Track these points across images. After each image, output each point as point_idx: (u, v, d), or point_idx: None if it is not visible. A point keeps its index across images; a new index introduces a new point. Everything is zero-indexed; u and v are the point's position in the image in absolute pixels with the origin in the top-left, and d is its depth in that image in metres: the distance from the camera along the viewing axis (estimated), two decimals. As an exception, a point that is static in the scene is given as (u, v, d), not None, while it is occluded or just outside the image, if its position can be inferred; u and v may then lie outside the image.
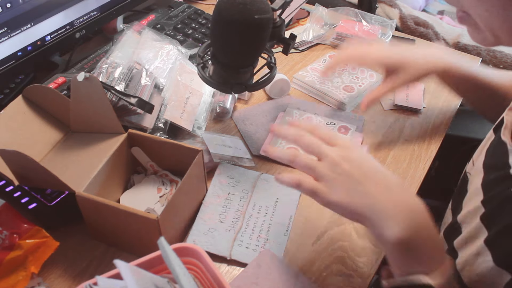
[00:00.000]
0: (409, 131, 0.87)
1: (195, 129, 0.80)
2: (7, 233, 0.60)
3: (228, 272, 0.64)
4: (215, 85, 0.72)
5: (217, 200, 0.71)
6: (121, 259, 0.43)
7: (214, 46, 0.69)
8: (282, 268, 0.62)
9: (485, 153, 0.62)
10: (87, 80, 0.65)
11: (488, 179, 0.58)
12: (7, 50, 0.77)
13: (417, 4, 1.73)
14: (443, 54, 0.80)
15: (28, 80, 0.89)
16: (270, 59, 0.76)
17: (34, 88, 0.70)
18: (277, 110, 0.89)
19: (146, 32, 0.88)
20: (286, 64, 1.02)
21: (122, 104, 0.72)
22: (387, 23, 1.07)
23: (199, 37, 1.00)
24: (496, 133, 0.62)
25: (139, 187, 0.71)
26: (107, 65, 0.78)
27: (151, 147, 0.70)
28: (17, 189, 0.66)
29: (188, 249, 0.52)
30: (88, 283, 0.45)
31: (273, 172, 0.77)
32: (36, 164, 0.58)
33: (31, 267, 0.59)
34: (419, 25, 1.37)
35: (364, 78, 0.97)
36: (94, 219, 0.63)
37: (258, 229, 0.68)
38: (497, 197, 0.55)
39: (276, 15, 0.70)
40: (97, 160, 0.65)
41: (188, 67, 0.86)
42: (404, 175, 0.78)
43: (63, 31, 0.86)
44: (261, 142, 0.82)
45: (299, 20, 1.15)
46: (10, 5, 0.73)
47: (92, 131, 0.71)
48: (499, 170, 0.56)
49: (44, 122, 0.72)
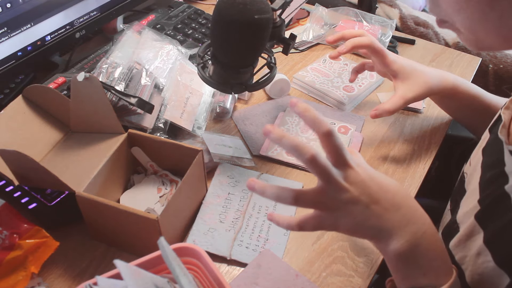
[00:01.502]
0: (409, 131, 0.87)
1: (195, 129, 0.80)
2: (7, 233, 0.60)
3: (228, 272, 0.64)
4: (215, 85, 0.72)
5: (217, 200, 0.71)
6: (121, 259, 0.43)
7: (214, 46, 0.69)
8: (282, 268, 0.62)
9: (481, 152, 0.62)
10: (87, 80, 0.65)
11: (485, 177, 0.58)
12: (7, 50, 0.77)
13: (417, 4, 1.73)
14: (452, 74, 0.82)
15: (28, 80, 0.89)
16: (270, 59, 0.76)
17: (34, 88, 0.70)
18: (277, 110, 0.89)
19: (146, 32, 0.88)
20: (286, 64, 1.02)
21: (122, 104, 0.72)
22: (387, 23, 1.07)
23: (199, 37, 1.00)
24: (491, 132, 0.63)
25: (139, 187, 0.71)
26: (107, 65, 0.78)
27: (151, 147, 0.70)
28: (17, 189, 0.66)
29: (188, 249, 0.52)
30: (88, 283, 0.45)
31: (273, 172, 0.77)
32: (36, 164, 0.58)
33: (31, 267, 0.59)
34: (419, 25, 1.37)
35: (364, 78, 0.96)
36: (94, 219, 0.63)
37: (258, 229, 0.68)
38: (491, 195, 0.55)
39: (276, 15, 0.70)
40: (97, 160, 0.65)
41: (188, 67, 0.86)
42: (404, 175, 0.78)
43: (63, 31, 0.86)
44: (261, 142, 0.82)
45: (299, 20, 1.15)
46: (10, 5, 0.73)
47: (92, 131, 0.71)
48: (495, 168, 0.56)
49: (44, 122, 0.72)
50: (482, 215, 0.56)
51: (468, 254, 0.57)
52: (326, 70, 0.98)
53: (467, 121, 0.87)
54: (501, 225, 0.52)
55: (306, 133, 0.83)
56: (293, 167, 0.78)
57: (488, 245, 0.54)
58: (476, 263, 0.55)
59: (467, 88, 0.81)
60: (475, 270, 0.55)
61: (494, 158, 0.57)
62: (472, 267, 0.56)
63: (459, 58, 1.06)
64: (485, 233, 0.54)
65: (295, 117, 0.86)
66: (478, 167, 0.61)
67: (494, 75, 1.31)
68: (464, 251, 0.58)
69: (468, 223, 0.58)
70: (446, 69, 1.01)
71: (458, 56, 1.06)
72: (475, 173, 0.61)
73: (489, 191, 0.56)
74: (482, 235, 0.55)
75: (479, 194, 0.58)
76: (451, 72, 0.82)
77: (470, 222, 0.57)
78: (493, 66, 1.29)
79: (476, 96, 0.81)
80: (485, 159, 0.61)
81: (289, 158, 0.79)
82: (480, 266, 0.54)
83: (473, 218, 0.56)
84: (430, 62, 1.04)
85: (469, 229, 0.57)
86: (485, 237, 0.54)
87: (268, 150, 0.80)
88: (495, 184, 0.55)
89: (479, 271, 0.54)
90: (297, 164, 0.78)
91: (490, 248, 0.53)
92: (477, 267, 0.55)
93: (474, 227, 0.56)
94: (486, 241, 0.54)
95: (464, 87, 0.81)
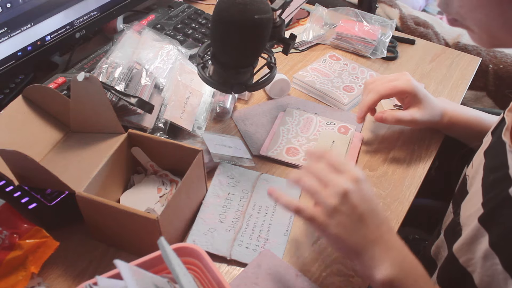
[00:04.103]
0: (409, 131, 0.87)
1: (195, 129, 0.80)
2: (7, 233, 0.60)
3: (228, 272, 0.64)
4: (215, 85, 0.72)
5: (217, 200, 0.71)
6: (121, 259, 0.43)
7: (214, 46, 0.69)
8: (282, 268, 0.62)
9: (483, 154, 0.62)
10: (87, 80, 0.65)
11: (487, 180, 0.58)
12: (7, 50, 0.77)
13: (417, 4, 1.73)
14: (450, 107, 0.83)
15: (28, 80, 0.89)
16: (270, 59, 0.76)
17: (34, 88, 0.70)
18: (277, 110, 0.89)
19: (146, 32, 0.88)
20: (286, 64, 1.02)
21: (122, 104, 0.72)
22: (387, 23, 1.07)
23: (199, 37, 1.00)
24: (493, 135, 0.62)
25: (139, 187, 0.71)
26: (107, 65, 0.78)
27: (151, 147, 0.70)
28: (17, 189, 0.66)
29: (188, 249, 0.52)
30: (88, 283, 0.45)
31: (273, 172, 0.77)
32: (36, 164, 0.58)
33: (31, 267, 0.59)
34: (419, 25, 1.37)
35: (364, 78, 0.97)
36: (94, 219, 0.63)
37: (258, 229, 0.68)
38: (495, 199, 0.55)
39: (276, 15, 0.70)
40: (97, 160, 0.65)
41: (188, 67, 0.86)
42: (404, 175, 0.78)
43: (63, 31, 0.86)
44: (261, 142, 0.82)
45: (299, 20, 1.15)
46: (10, 5, 0.73)
47: (92, 131, 0.71)
48: (498, 171, 0.55)
49: (44, 122, 0.72)
50: (486, 218, 0.55)
51: (474, 257, 0.57)
52: (326, 70, 0.98)
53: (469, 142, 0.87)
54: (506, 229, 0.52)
55: (306, 133, 0.83)
56: (293, 167, 0.78)
57: (494, 248, 0.53)
58: (484, 265, 0.55)
59: (465, 120, 0.81)
60: (485, 272, 0.55)
61: (497, 160, 0.57)
62: (480, 269, 0.56)
63: (459, 58, 1.06)
64: (490, 236, 0.54)
65: (295, 117, 0.86)
66: (480, 169, 0.61)
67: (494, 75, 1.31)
68: (469, 254, 0.58)
69: (471, 226, 0.57)
70: (446, 69, 1.01)
71: (458, 56, 1.06)
72: (477, 175, 0.61)
73: (493, 194, 0.56)
74: (487, 238, 0.54)
75: (482, 197, 0.57)
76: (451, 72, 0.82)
77: (473, 225, 0.57)
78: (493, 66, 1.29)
79: (474, 123, 0.81)
80: (488, 161, 0.60)
81: (289, 158, 0.79)
82: (490, 268, 0.54)
83: (477, 221, 0.56)
84: (430, 62, 1.04)
85: (473, 232, 0.57)
86: (491, 240, 0.54)
87: (268, 150, 0.80)
88: (499, 187, 0.54)
89: (489, 273, 0.54)
90: (297, 164, 0.78)
91: (496, 251, 0.53)
92: (486, 269, 0.55)
93: (479, 230, 0.56)
94: (492, 244, 0.54)
95: (462, 118, 0.81)
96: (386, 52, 1.03)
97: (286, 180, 0.58)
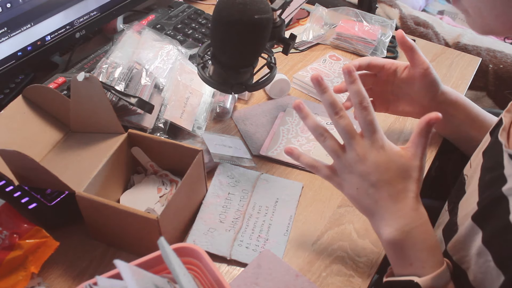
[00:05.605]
0: (409, 131, 0.87)
1: (195, 129, 0.80)
2: (7, 233, 0.60)
3: (228, 272, 0.64)
4: (215, 85, 0.72)
5: (217, 200, 0.71)
6: (121, 259, 0.43)
7: (214, 46, 0.69)
8: (282, 268, 0.62)
9: (481, 155, 0.63)
10: (87, 80, 0.65)
11: (484, 180, 0.59)
12: (7, 50, 0.77)
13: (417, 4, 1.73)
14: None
15: (28, 80, 0.89)
16: (270, 59, 0.76)
17: (34, 88, 0.70)
18: (277, 110, 0.89)
19: (146, 32, 0.88)
20: (286, 64, 1.02)
21: (122, 104, 0.72)
22: (387, 23, 1.07)
23: (199, 37, 1.00)
24: (492, 135, 0.63)
25: (139, 187, 0.71)
26: (107, 65, 0.78)
27: (151, 147, 0.70)
28: (17, 189, 0.66)
29: (188, 249, 0.52)
30: (88, 283, 0.45)
31: (273, 172, 0.77)
32: (36, 164, 0.58)
33: (31, 267, 0.59)
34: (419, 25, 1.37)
35: (364, 78, 0.96)
36: (94, 219, 0.63)
37: (258, 229, 0.68)
38: (489, 197, 0.55)
39: (276, 15, 0.70)
40: (97, 160, 0.65)
41: (188, 67, 0.86)
42: (404, 175, 0.78)
43: (63, 31, 0.86)
44: (261, 142, 0.82)
45: (299, 20, 1.15)
46: (10, 5, 0.73)
47: (92, 131, 0.71)
48: (494, 171, 0.56)
49: (44, 122, 0.72)
50: (479, 216, 0.56)
51: (467, 254, 0.57)
52: (326, 70, 0.98)
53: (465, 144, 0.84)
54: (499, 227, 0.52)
55: (306, 133, 0.83)
56: (293, 167, 0.78)
57: (487, 245, 0.54)
58: (478, 262, 0.55)
59: (474, 106, 0.80)
60: (478, 269, 0.55)
61: (493, 160, 0.57)
62: (474, 266, 0.56)
63: (459, 58, 1.06)
64: (484, 234, 0.55)
65: (295, 117, 0.86)
66: (478, 169, 0.61)
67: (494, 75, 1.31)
68: (463, 251, 0.58)
69: (465, 225, 0.58)
70: (446, 69, 1.01)
71: (458, 56, 1.06)
72: (475, 175, 0.61)
73: (488, 193, 0.56)
74: (480, 235, 0.55)
75: (478, 196, 0.58)
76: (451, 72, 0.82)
77: (467, 224, 0.57)
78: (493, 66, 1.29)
79: (482, 115, 0.79)
80: (485, 161, 0.61)
81: (289, 158, 0.79)
82: (483, 265, 0.54)
83: (470, 219, 0.57)
84: (430, 62, 1.03)
85: (466, 230, 0.57)
86: (484, 238, 0.54)
87: (268, 150, 0.80)
88: (493, 187, 0.55)
89: (482, 270, 0.55)
90: (297, 164, 0.78)
91: (489, 248, 0.53)
92: (479, 266, 0.55)
93: (473, 228, 0.56)
94: (485, 242, 0.54)
95: (462, 101, 0.80)
96: (386, 52, 1.03)
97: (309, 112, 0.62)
